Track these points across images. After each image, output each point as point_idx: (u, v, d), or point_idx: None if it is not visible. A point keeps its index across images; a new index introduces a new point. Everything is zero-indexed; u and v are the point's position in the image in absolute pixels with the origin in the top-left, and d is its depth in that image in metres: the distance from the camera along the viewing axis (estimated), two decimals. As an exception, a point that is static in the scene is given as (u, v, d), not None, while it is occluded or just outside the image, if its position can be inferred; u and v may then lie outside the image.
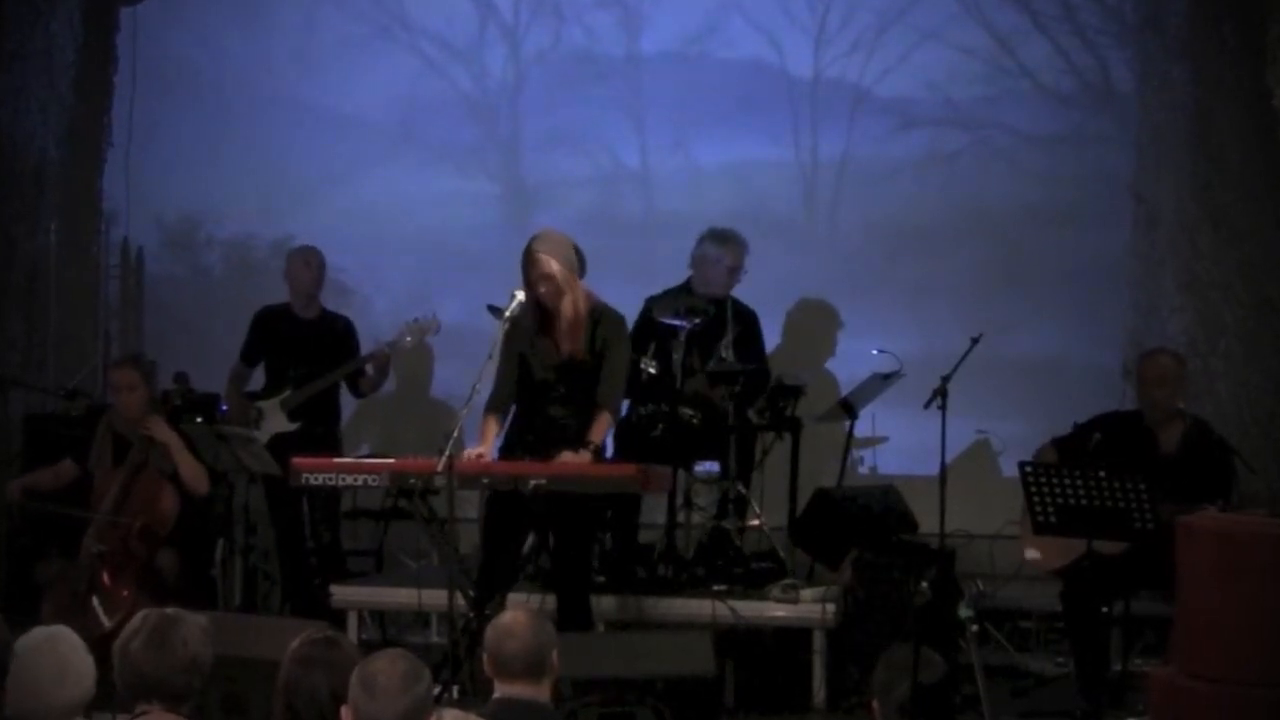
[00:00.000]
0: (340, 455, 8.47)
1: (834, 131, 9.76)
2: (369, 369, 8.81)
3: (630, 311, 7.84)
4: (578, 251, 7.19)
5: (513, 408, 7.35)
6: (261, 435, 8.62)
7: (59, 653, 4.47)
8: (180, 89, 10.30)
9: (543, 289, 7.10)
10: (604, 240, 8.66)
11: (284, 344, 8.84)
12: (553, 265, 7.08)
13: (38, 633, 4.57)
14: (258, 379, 9.00)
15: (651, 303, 8.40)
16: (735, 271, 8.55)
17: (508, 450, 7.31)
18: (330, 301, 9.13)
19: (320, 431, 8.66)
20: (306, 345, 8.79)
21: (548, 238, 7.18)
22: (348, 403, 9.05)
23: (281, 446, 8.34)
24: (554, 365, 7.23)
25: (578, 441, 7.11)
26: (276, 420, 8.72)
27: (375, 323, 9.13)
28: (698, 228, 8.70)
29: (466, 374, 7.07)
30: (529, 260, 7.12)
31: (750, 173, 9.82)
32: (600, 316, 7.25)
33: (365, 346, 8.86)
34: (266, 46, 10.31)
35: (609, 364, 7.22)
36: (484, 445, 7.19)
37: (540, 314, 7.19)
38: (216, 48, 10.33)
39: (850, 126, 9.72)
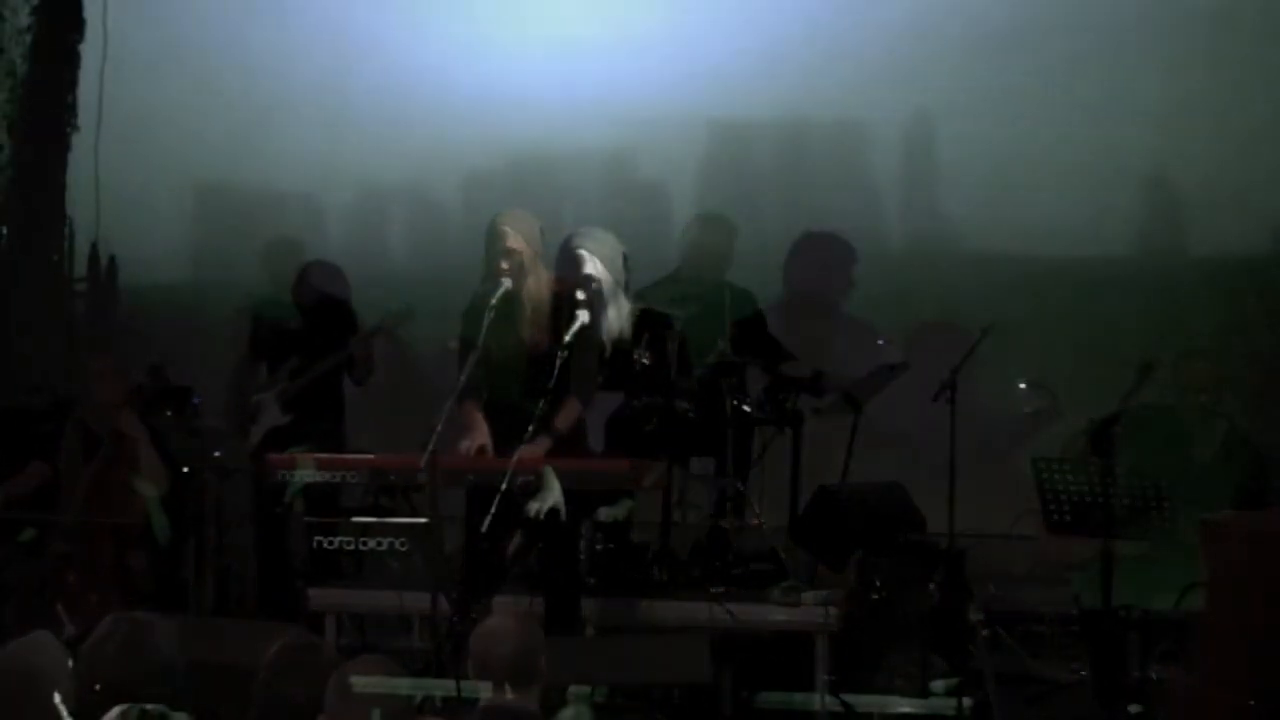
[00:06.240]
0: (344, 452, 8.45)
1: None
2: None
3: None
4: (542, 233, 7.21)
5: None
6: (258, 430, 8.65)
7: (31, 662, 4.47)
8: (155, 59, 9.96)
9: (505, 265, 7.11)
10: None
11: (280, 336, 8.88)
12: (519, 241, 7.12)
13: (31, 638, 4.57)
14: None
15: (641, 294, 8.41)
16: (725, 256, 8.56)
17: None
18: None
19: (325, 428, 8.67)
20: (302, 335, 8.83)
21: (515, 214, 7.24)
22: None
23: (279, 442, 8.37)
24: (518, 351, 7.23)
25: (543, 431, 7.10)
26: (272, 414, 8.75)
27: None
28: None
29: (443, 366, 7.07)
30: (494, 235, 7.16)
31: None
32: (566, 300, 7.25)
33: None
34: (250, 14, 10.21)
35: (578, 350, 7.21)
36: (480, 436, 7.17)
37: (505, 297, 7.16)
38: (198, 11, 10.08)
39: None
